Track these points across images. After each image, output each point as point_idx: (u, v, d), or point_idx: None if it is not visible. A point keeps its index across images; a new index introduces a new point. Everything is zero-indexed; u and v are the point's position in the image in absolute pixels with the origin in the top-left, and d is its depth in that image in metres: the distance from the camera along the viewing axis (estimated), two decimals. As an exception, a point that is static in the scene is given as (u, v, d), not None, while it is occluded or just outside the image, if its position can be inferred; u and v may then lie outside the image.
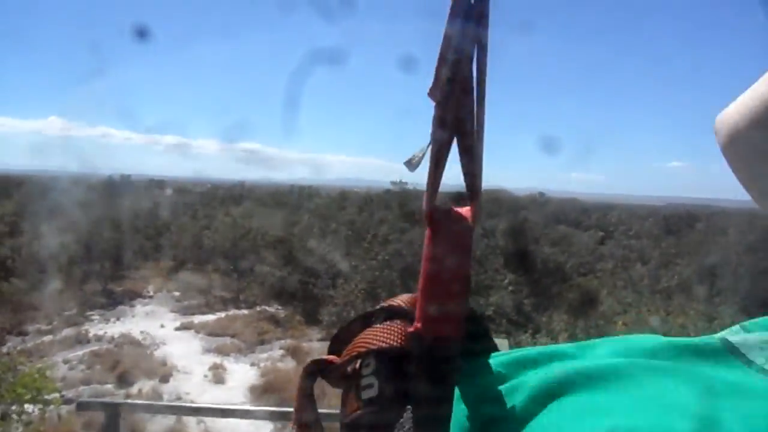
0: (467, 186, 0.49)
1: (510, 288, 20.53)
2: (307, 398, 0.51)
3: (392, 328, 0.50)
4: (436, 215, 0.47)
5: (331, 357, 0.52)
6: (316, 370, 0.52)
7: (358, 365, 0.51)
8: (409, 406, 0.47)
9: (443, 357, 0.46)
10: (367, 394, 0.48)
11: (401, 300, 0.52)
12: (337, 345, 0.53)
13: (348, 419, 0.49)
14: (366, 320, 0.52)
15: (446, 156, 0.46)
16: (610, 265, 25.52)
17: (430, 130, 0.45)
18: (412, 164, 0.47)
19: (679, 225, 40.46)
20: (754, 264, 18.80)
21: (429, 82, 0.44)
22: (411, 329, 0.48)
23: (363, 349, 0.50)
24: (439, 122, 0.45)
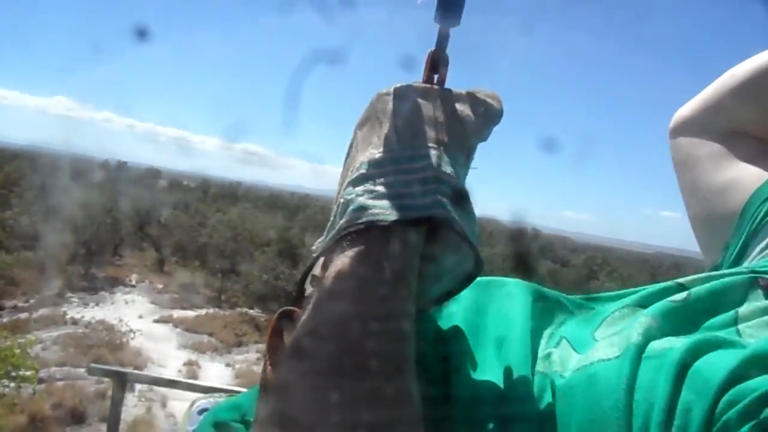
0: None
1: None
2: (278, 335, 0.59)
3: None
4: None
5: (298, 307, 0.62)
6: (288, 313, 0.62)
7: None
8: None
9: None
10: None
11: None
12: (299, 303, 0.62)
13: None
14: None
15: None
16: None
17: None
18: None
19: (665, 274, 40.80)
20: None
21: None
22: None
23: None
24: None
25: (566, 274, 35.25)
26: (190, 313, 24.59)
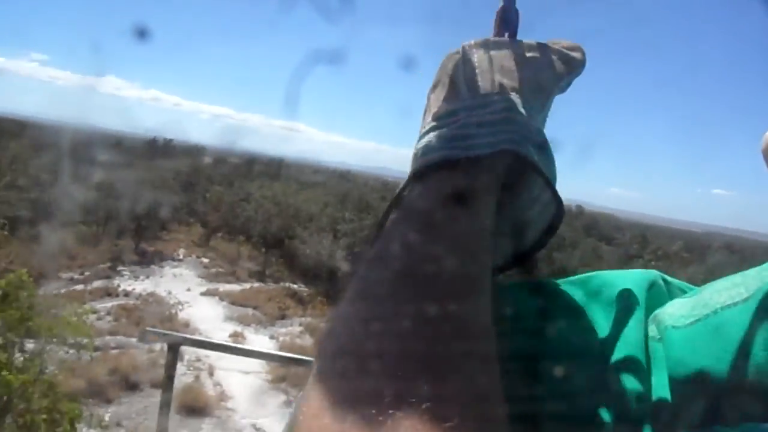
0: None
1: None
2: None
3: None
4: None
5: None
6: None
7: None
8: None
9: None
10: None
11: None
12: None
13: None
14: None
15: None
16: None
17: None
18: None
19: (715, 254, 39.48)
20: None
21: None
22: None
23: None
24: None
25: (610, 252, 34.54)
26: (236, 287, 25.22)
